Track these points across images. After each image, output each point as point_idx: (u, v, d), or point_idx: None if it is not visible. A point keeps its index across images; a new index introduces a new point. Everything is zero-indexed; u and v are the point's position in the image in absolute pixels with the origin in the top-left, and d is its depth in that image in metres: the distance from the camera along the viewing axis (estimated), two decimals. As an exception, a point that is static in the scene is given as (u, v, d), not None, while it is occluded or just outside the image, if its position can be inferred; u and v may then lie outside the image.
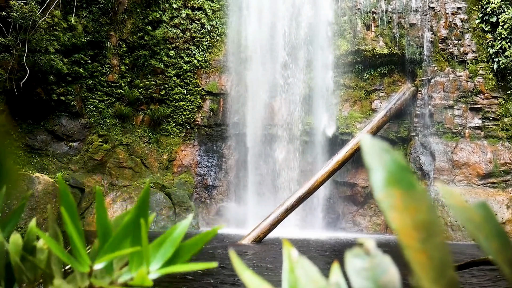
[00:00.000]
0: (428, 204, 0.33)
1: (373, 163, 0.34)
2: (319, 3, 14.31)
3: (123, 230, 0.59)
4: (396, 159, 0.34)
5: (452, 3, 13.68)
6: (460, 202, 0.35)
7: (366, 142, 0.35)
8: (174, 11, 15.10)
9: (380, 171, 0.33)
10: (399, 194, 0.32)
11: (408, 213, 0.31)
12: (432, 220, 0.32)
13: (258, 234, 10.57)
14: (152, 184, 14.00)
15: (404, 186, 0.33)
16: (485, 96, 13.21)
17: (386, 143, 0.37)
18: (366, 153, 0.35)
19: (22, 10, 11.48)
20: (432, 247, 0.31)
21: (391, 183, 0.33)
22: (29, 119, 13.83)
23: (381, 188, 0.33)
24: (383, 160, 0.34)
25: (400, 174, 0.33)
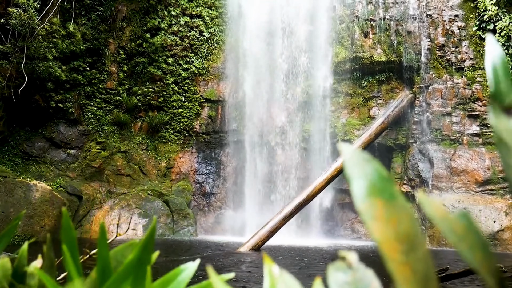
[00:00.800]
0: (410, 215, 0.32)
1: (354, 173, 0.33)
2: (317, 10, 14.38)
3: (124, 269, 0.56)
4: (377, 169, 0.34)
5: (449, 10, 13.75)
6: (441, 213, 0.35)
7: (346, 152, 0.34)
8: (173, 19, 15.16)
9: (361, 181, 0.32)
10: (380, 205, 0.32)
11: (390, 224, 0.30)
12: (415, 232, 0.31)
13: (256, 242, 10.53)
14: (150, 191, 13.96)
15: (386, 197, 0.32)
16: (482, 103, 13.24)
17: (366, 153, 0.36)
18: (347, 163, 0.34)
19: (20, 17, 11.50)
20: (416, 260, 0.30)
21: (373, 193, 0.32)
22: (27, 126, 13.82)
23: (362, 198, 0.32)
24: (364, 170, 0.33)
25: (381, 184, 0.32)
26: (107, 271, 0.57)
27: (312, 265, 7.77)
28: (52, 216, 11.09)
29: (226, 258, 8.70)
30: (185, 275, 0.59)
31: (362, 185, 0.32)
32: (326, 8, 14.37)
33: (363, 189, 0.32)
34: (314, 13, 14.39)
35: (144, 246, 0.56)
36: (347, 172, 0.34)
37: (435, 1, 13.91)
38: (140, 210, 13.10)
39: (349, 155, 0.34)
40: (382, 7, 14.13)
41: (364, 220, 0.32)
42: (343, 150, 0.35)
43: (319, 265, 7.95)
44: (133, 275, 0.55)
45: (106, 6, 14.27)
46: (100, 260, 0.57)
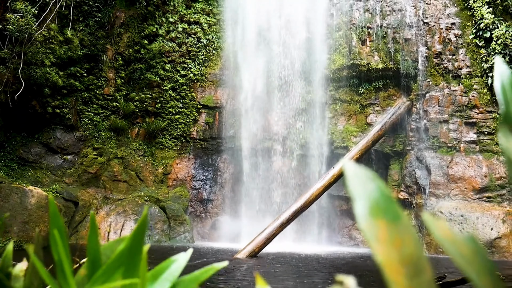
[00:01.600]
0: (414, 237, 0.30)
1: (356, 192, 0.31)
2: (315, 18, 14.43)
3: (116, 260, 0.53)
4: (380, 188, 0.32)
5: (446, 18, 13.82)
6: (449, 236, 0.33)
7: (349, 169, 0.33)
8: (171, 25, 15.18)
9: (364, 200, 0.31)
10: (384, 226, 0.30)
11: (394, 246, 0.29)
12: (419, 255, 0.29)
13: (253, 249, 10.48)
14: (146, 197, 13.91)
15: (389, 217, 0.30)
16: (479, 110, 13.28)
17: (370, 170, 0.35)
18: (350, 181, 0.32)
19: (18, 23, 11.50)
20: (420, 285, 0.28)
21: (376, 213, 0.31)
22: (23, 131, 13.77)
23: (365, 218, 0.31)
24: (367, 188, 0.31)
25: (385, 204, 0.31)
26: (97, 263, 0.55)
27: (310, 274, 7.73)
28: (48, 222, 11.01)
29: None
30: (177, 265, 0.57)
31: (365, 204, 0.31)
32: (324, 16, 14.43)
33: (366, 209, 0.31)
34: (311, 20, 14.44)
35: (135, 236, 0.54)
36: (350, 191, 0.33)
37: (432, 9, 13.99)
38: (136, 216, 13.03)
39: (352, 173, 0.33)
40: (379, 15, 14.20)
41: (367, 240, 0.31)
42: (346, 167, 0.34)
43: (317, 273, 7.91)
44: (124, 265, 0.53)
45: (104, 13, 14.29)
46: (90, 251, 0.55)
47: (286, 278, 7.30)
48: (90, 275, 0.54)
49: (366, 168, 0.35)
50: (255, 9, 14.74)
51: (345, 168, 0.34)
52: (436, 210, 12.56)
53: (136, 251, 0.53)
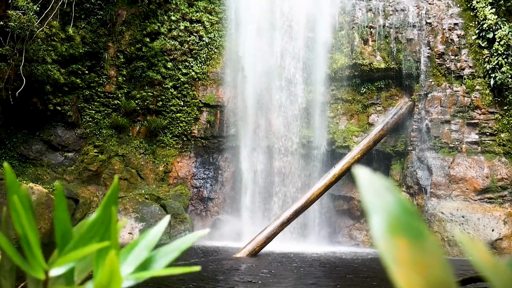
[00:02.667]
0: (441, 258, 0.26)
1: (372, 205, 0.28)
2: (317, 17, 14.38)
3: (88, 230, 0.50)
4: (400, 200, 0.29)
5: (449, 19, 13.77)
6: (486, 257, 0.30)
7: (363, 177, 0.30)
8: (173, 23, 15.14)
9: (381, 214, 0.27)
10: (405, 245, 0.26)
11: (417, 269, 0.25)
12: (447, 280, 0.26)
13: (253, 248, 10.46)
14: (147, 195, 13.89)
15: (411, 235, 0.27)
16: (482, 111, 13.23)
17: (387, 180, 0.31)
18: (364, 192, 0.29)
19: (20, 20, 11.47)
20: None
21: (395, 230, 0.27)
22: (24, 128, 13.75)
23: (382, 236, 0.27)
24: (385, 201, 0.28)
25: (406, 219, 0.27)
26: (67, 235, 0.51)
27: (310, 273, 7.70)
28: (48, 219, 11.01)
29: (221, 264, 8.63)
30: (154, 234, 0.54)
31: (382, 220, 0.27)
32: (326, 15, 14.38)
33: (384, 225, 0.27)
34: (313, 20, 14.39)
35: (107, 204, 0.51)
36: (365, 203, 0.29)
37: (434, 10, 13.93)
38: (137, 214, 13.02)
39: (367, 182, 0.29)
40: (382, 15, 14.15)
41: (386, 262, 0.27)
42: (360, 176, 0.30)
43: (317, 273, 7.89)
44: (98, 236, 0.50)
45: (106, 10, 14.26)
46: (58, 223, 0.51)
47: (286, 278, 7.27)
48: (61, 248, 0.50)
49: (382, 177, 0.32)
50: (257, 8, 14.70)
51: (358, 176, 0.31)
52: (437, 210, 12.52)
53: (109, 219, 0.49)
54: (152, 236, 0.51)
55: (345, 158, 12.64)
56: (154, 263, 0.50)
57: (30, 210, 0.50)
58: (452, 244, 11.92)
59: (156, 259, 0.51)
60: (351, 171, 12.99)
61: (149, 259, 0.50)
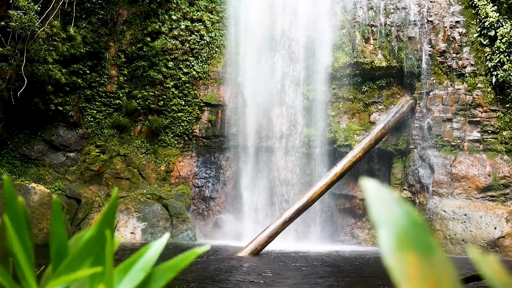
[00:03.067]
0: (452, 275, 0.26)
1: (380, 218, 0.27)
2: (318, 16, 14.36)
3: (83, 248, 0.48)
4: (409, 214, 0.28)
5: (450, 16, 13.73)
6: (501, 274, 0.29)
7: (370, 190, 0.29)
8: (173, 23, 15.13)
9: (390, 229, 0.27)
10: (414, 260, 0.26)
11: (427, 284, 0.24)
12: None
13: (255, 247, 10.45)
14: (149, 195, 13.90)
15: (421, 250, 0.26)
16: (483, 109, 13.20)
17: (395, 192, 0.31)
18: (372, 205, 0.28)
19: (21, 20, 11.47)
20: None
21: (404, 245, 0.26)
22: (26, 129, 13.76)
23: (391, 251, 0.26)
24: (393, 214, 0.27)
25: (415, 233, 0.26)
26: (62, 253, 0.49)
27: (313, 273, 7.70)
28: (50, 219, 11.02)
29: (223, 263, 8.63)
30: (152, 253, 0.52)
31: (391, 234, 0.26)
32: (327, 14, 14.35)
33: (393, 240, 0.26)
34: (315, 18, 14.37)
35: (104, 220, 0.49)
36: (372, 216, 0.29)
37: (436, 7, 13.89)
38: (139, 214, 13.03)
39: (374, 195, 0.29)
40: (383, 13, 14.12)
41: (395, 278, 0.26)
42: (367, 187, 0.30)
43: (320, 272, 7.88)
44: (93, 255, 0.48)
45: (107, 10, 14.25)
46: (54, 241, 0.49)
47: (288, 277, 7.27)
48: (55, 266, 0.49)
49: (390, 190, 0.31)
50: (258, 7, 14.68)
51: (366, 189, 0.30)
52: (440, 209, 12.50)
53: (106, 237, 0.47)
54: (150, 255, 0.49)
55: (347, 157, 12.63)
56: (152, 283, 0.49)
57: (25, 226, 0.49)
58: (455, 242, 11.90)
59: (154, 279, 0.49)
60: (352, 170, 12.99)
61: (146, 280, 0.48)
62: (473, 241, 11.72)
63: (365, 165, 14.21)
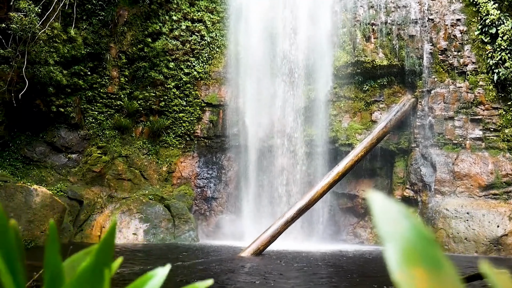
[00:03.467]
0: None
1: (387, 232, 0.26)
2: (319, 15, 14.34)
3: (79, 277, 0.46)
4: (417, 227, 0.27)
5: (451, 14, 13.70)
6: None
7: (377, 203, 0.28)
8: (174, 23, 15.13)
9: (397, 243, 0.25)
10: (422, 275, 0.24)
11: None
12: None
13: (258, 247, 10.44)
14: (151, 196, 13.90)
15: (429, 265, 0.25)
16: (485, 107, 13.17)
17: (401, 204, 0.30)
18: (378, 218, 0.27)
19: (21, 22, 11.48)
20: None
21: (412, 260, 0.25)
22: (28, 130, 13.77)
23: (398, 266, 0.25)
24: (400, 228, 0.26)
25: (423, 248, 0.25)
26: (57, 281, 0.47)
27: (316, 273, 7.68)
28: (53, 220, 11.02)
29: (225, 264, 8.62)
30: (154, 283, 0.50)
31: (398, 248, 0.25)
32: (328, 13, 14.33)
33: (400, 255, 0.25)
34: (315, 17, 14.35)
35: (102, 250, 0.47)
36: (379, 230, 0.28)
37: (437, 6, 13.86)
38: (141, 215, 13.03)
39: (380, 208, 0.28)
40: (384, 12, 14.09)
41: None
42: (373, 201, 0.29)
43: (324, 271, 7.87)
44: (89, 284, 0.46)
45: (108, 11, 14.26)
46: (49, 267, 0.47)
47: (291, 277, 7.26)
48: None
49: (397, 202, 0.30)
50: (259, 6, 14.67)
51: (372, 202, 0.29)
52: (442, 207, 12.48)
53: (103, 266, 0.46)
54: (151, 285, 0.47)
55: (349, 156, 12.60)
56: None
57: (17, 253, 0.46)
58: (457, 241, 11.88)
59: None
60: (354, 169, 12.97)
61: None
62: (475, 239, 11.69)
63: (367, 164, 14.18)
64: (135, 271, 7.04)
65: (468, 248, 11.72)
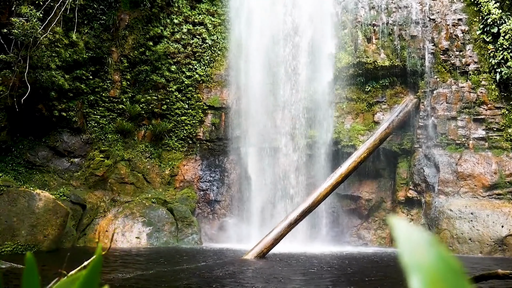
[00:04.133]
0: None
1: (412, 262, 0.24)
2: (320, 16, 14.33)
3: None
4: (444, 257, 0.25)
5: (453, 14, 13.67)
6: (413, 238, 0.26)
7: (402, 232, 0.25)
8: (175, 26, 15.14)
9: (423, 274, 0.23)
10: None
11: None
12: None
13: (261, 249, 10.42)
14: (154, 199, 13.89)
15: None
16: (488, 107, 13.12)
17: (426, 232, 0.28)
18: (402, 247, 0.25)
19: (23, 27, 11.49)
20: None
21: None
22: (30, 135, 13.79)
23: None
24: (425, 258, 0.24)
25: (451, 279, 0.23)
26: None
27: (321, 276, 7.64)
28: (55, 225, 11.01)
29: (228, 267, 8.59)
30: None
31: (424, 280, 0.23)
32: (329, 14, 14.32)
33: (427, 286, 0.23)
34: (317, 19, 14.34)
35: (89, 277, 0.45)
36: (404, 261, 0.25)
37: (438, 6, 13.84)
38: (144, 219, 13.02)
39: (404, 236, 0.25)
40: (385, 12, 14.07)
41: None
42: (397, 229, 0.26)
43: (328, 274, 7.83)
44: None
45: (109, 15, 14.28)
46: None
47: (295, 280, 7.23)
48: None
49: (420, 229, 0.28)
50: (260, 9, 14.67)
51: (395, 229, 0.27)
52: (446, 208, 12.43)
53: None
54: None
55: (352, 157, 12.57)
56: None
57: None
58: (462, 241, 11.82)
59: None
60: (357, 170, 12.93)
61: None
62: (480, 240, 11.63)
63: (370, 165, 14.14)
64: (125, 278, 7.02)
65: (473, 248, 11.66)
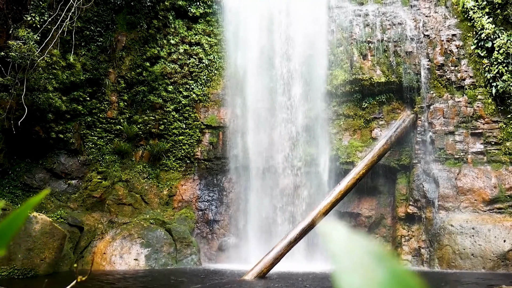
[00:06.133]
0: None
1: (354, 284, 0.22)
2: (315, 34, 14.46)
3: None
4: (397, 273, 0.23)
5: (447, 30, 13.81)
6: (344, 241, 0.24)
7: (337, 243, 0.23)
8: (172, 47, 15.24)
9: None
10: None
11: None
12: None
13: (261, 269, 10.27)
14: (152, 220, 13.75)
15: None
16: (485, 120, 13.14)
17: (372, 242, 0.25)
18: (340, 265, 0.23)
19: (21, 50, 11.56)
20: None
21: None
22: (27, 157, 13.73)
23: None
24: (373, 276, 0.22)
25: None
26: None
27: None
28: (52, 248, 10.86)
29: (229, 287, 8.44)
30: None
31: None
32: (324, 32, 14.45)
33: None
34: (312, 37, 14.46)
35: None
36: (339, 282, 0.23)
37: (432, 22, 13.98)
38: (142, 240, 12.86)
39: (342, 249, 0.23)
40: (380, 29, 14.21)
41: None
42: (331, 237, 0.23)
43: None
44: None
45: (106, 37, 14.38)
46: None
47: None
48: None
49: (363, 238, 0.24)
50: (256, 28, 14.81)
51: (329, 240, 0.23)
52: (447, 223, 12.32)
53: None
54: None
55: (350, 174, 12.52)
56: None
57: None
58: (464, 257, 11.68)
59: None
60: (357, 187, 12.86)
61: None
62: (482, 255, 11.49)
63: (369, 182, 14.07)
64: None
65: (475, 264, 11.51)
